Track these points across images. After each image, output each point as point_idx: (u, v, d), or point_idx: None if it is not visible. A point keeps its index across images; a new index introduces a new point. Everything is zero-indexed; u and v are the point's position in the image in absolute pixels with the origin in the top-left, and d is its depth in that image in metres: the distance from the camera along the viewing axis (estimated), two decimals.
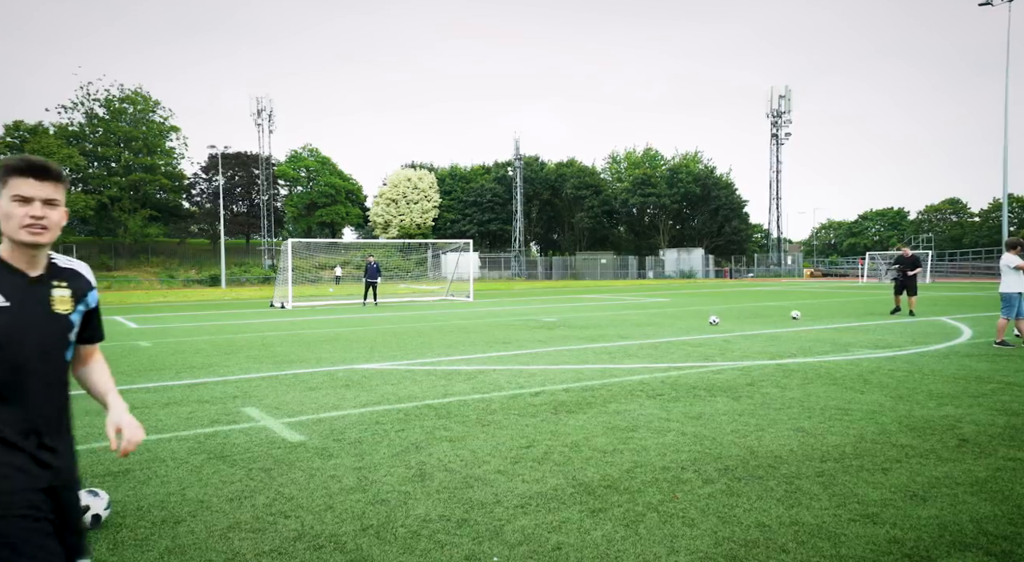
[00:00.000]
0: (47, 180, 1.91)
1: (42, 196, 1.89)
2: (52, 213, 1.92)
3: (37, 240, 1.89)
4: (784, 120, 66.08)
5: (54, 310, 1.97)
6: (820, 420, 5.79)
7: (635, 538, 3.43)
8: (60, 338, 1.99)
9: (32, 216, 1.87)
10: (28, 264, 1.94)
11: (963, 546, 3.29)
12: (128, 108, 61.62)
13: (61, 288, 2.00)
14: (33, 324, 1.91)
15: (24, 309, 1.90)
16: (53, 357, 1.97)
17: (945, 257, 60.45)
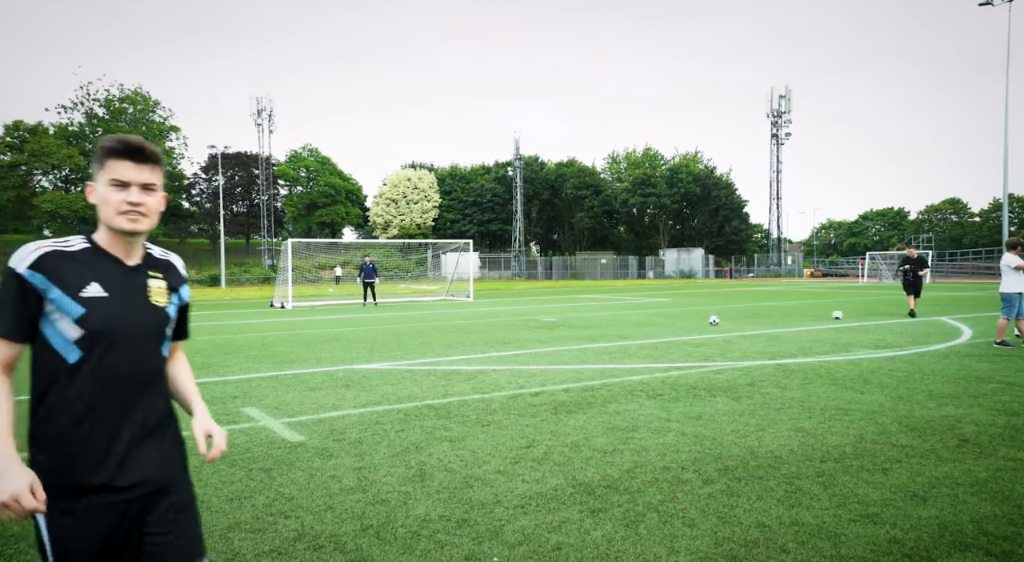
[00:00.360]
0: (145, 163, 1.80)
1: (140, 180, 1.79)
2: (150, 199, 1.81)
3: (135, 227, 1.79)
4: (784, 120, 66.09)
5: (152, 301, 1.87)
6: (820, 420, 5.79)
7: (635, 538, 3.43)
8: (158, 331, 1.89)
9: (129, 202, 1.77)
10: (125, 252, 1.85)
11: (963, 546, 3.29)
12: (128, 108, 61.67)
13: (157, 279, 1.91)
14: (133, 315, 1.82)
15: (124, 299, 1.81)
16: (152, 351, 1.88)
17: (945, 257, 60.44)
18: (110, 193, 1.77)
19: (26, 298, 1.74)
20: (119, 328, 1.79)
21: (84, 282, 1.76)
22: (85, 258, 1.80)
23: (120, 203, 1.77)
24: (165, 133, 64.18)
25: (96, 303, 1.76)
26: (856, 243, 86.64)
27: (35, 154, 55.25)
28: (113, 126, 60.24)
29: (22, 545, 3.44)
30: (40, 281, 1.73)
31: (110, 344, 1.77)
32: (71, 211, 55.38)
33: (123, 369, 1.80)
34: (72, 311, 1.74)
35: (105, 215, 1.79)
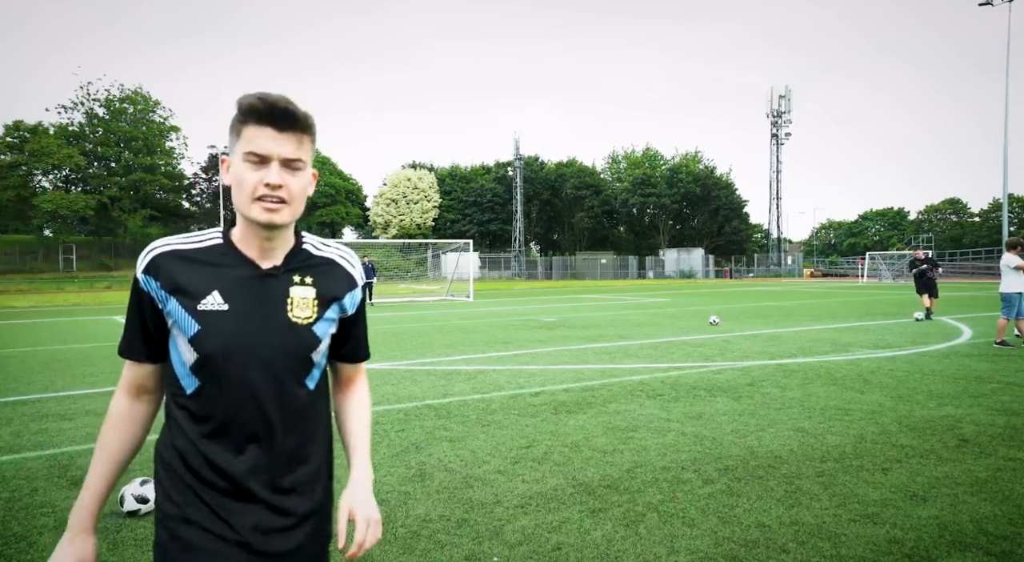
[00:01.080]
0: (290, 130, 1.36)
1: (282, 154, 1.35)
2: (293, 180, 1.37)
3: (271, 219, 1.36)
4: (784, 120, 66.09)
5: (291, 317, 1.43)
6: (820, 420, 5.79)
7: (635, 538, 3.43)
8: (297, 358, 1.44)
9: (267, 184, 1.35)
10: (260, 251, 1.43)
11: (963, 546, 3.29)
12: (128, 108, 61.62)
13: (304, 285, 1.46)
14: (257, 336, 1.40)
15: (246, 314, 1.40)
16: (288, 385, 1.44)
17: (945, 257, 60.46)
18: (245, 171, 1.36)
19: (141, 309, 1.43)
20: (237, 352, 1.39)
21: (205, 290, 1.39)
22: (211, 258, 1.42)
23: (255, 185, 1.35)
24: (165, 133, 64.14)
25: (212, 318, 1.38)
26: (856, 243, 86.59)
27: (35, 154, 55.22)
28: (113, 126, 60.25)
29: (22, 545, 3.44)
30: (155, 288, 1.40)
31: (224, 374, 1.39)
32: (71, 211, 55.35)
33: (243, 411, 1.40)
34: (187, 328, 1.39)
35: (238, 201, 1.38)
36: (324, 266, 1.52)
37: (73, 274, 52.66)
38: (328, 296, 1.50)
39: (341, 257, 1.55)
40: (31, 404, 6.80)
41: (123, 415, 1.47)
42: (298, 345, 1.44)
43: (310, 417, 1.50)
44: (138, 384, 1.48)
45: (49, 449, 5.17)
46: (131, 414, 1.47)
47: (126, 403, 1.48)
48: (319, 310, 1.47)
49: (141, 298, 1.42)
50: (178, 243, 1.44)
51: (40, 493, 4.19)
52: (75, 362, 9.81)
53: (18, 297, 31.79)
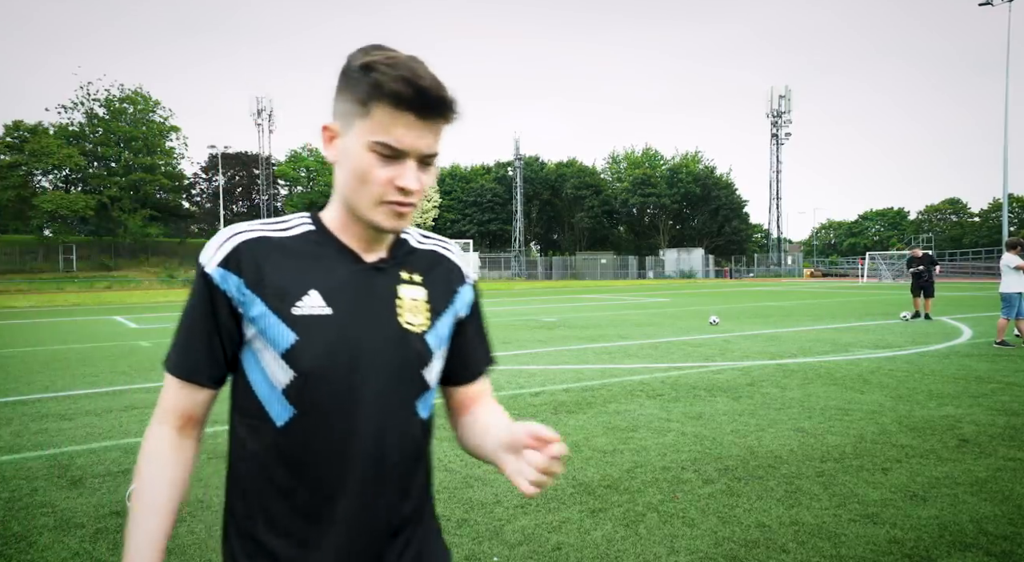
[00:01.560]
0: (436, 120, 1.06)
1: (422, 150, 1.06)
2: (427, 179, 1.10)
3: (397, 226, 1.10)
4: (784, 120, 66.07)
5: (403, 323, 1.14)
6: (820, 420, 5.79)
7: (635, 538, 3.43)
8: (409, 378, 1.15)
9: (399, 188, 1.06)
10: (365, 242, 1.15)
11: (963, 546, 3.29)
12: (128, 108, 61.63)
13: (413, 284, 1.18)
14: (371, 347, 1.11)
15: (355, 321, 1.11)
16: (399, 412, 1.15)
17: (945, 257, 60.45)
18: (370, 163, 1.05)
19: (215, 315, 1.09)
20: (344, 369, 1.09)
21: (301, 289, 1.09)
22: (304, 249, 1.13)
23: (384, 187, 1.05)
24: (165, 133, 64.14)
25: (312, 325, 1.08)
26: (856, 243, 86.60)
27: (35, 154, 55.22)
28: (113, 126, 60.26)
29: (22, 545, 3.44)
30: (235, 286, 1.08)
31: (326, 398, 1.09)
32: (71, 211, 55.34)
33: (347, 449, 1.10)
34: (279, 338, 1.08)
35: (353, 195, 1.08)
36: (431, 259, 1.24)
37: (73, 274, 52.67)
38: (440, 298, 1.21)
39: (446, 249, 1.28)
40: (31, 404, 6.80)
41: (169, 455, 1.12)
42: (413, 359, 1.15)
43: (422, 461, 1.19)
44: (189, 414, 1.13)
45: (49, 449, 5.17)
46: (179, 454, 1.13)
47: (173, 438, 1.13)
48: (431, 316, 1.19)
49: (215, 300, 1.08)
50: (264, 229, 1.13)
51: (40, 493, 4.19)
52: (75, 362, 9.81)
53: (18, 297, 31.79)
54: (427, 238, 1.27)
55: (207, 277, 1.09)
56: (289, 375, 1.08)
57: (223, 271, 1.08)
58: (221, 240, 1.11)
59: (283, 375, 1.08)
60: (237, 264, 1.08)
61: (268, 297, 1.08)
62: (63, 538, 3.51)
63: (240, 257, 1.09)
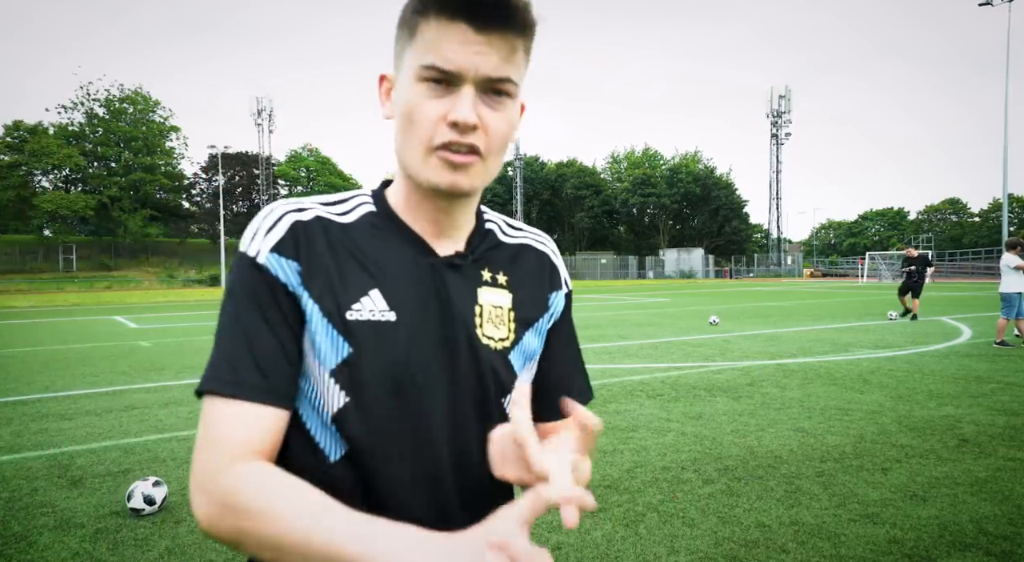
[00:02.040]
0: (500, 30, 0.81)
1: (482, 70, 0.81)
2: (495, 118, 0.84)
3: (455, 182, 0.85)
4: (784, 120, 66.11)
5: (481, 337, 0.91)
6: (820, 420, 5.79)
7: (635, 538, 3.43)
8: (484, 407, 0.91)
9: (453, 124, 0.82)
10: (435, 227, 0.92)
11: (963, 546, 3.29)
12: (128, 108, 61.68)
13: (496, 288, 0.95)
14: (438, 362, 0.88)
15: (425, 330, 0.88)
16: (471, 452, 0.89)
17: (945, 257, 60.47)
18: (417, 97, 0.83)
19: (281, 311, 0.84)
20: (411, 392, 0.86)
21: (359, 288, 0.87)
22: (364, 237, 0.90)
23: (432, 125, 0.82)
24: (165, 133, 64.19)
25: (370, 334, 0.85)
26: (856, 243, 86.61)
27: (35, 154, 55.26)
28: (113, 126, 60.28)
29: (22, 545, 3.44)
30: (294, 276, 0.85)
31: (389, 430, 0.85)
32: (71, 211, 55.37)
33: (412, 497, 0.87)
34: (329, 350, 0.85)
35: (404, 148, 0.86)
36: (520, 258, 1.00)
37: (73, 274, 52.71)
38: (529, 305, 0.97)
39: (541, 243, 1.04)
40: (31, 404, 6.81)
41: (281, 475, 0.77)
42: (491, 382, 0.91)
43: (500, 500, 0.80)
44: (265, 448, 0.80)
45: (49, 449, 5.17)
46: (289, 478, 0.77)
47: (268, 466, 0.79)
48: (517, 329, 0.95)
49: (275, 294, 0.84)
50: (320, 208, 0.91)
51: (40, 493, 4.19)
52: (75, 362, 9.81)
53: (18, 297, 31.79)
54: (517, 230, 1.04)
55: (259, 268, 0.84)
56: (343, 399, 0.84)
57: (278, 257, 0.85)
58: (272, 220, 0.87)
59: (333, 398, 0.85)
60: (295, 247, 0.86)
61: (320, 296, 0.85)
62: (63, 538, 3.51)
63: (298, 239, 0.86)
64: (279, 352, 0.83)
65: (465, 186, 0.85)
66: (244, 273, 0.85)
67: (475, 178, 0.86)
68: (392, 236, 0.91)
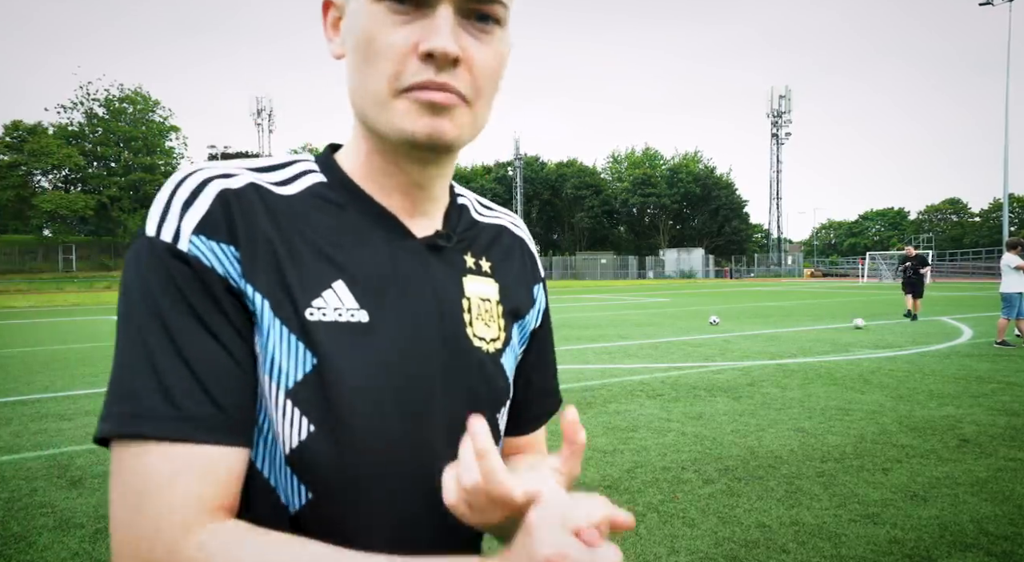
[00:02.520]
0: None
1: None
2: (481, 51, 0.65)
3: (436, 130, 0.64)
4: (784, 120, 66.15)
5: (472, 337, 0.74)
6: (820, 420, 5.79)
7: (635, 538, 3.43)
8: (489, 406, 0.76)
9: (427, 54, 0.61)
10: (408, 198, 0.73)
11: (964, 546, 3.29)
12: (128, 108, 61.71)
13: (481, 276, 0.78)
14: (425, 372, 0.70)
15: (403, 331, 0.69)
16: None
17: (945, 257, 60.47)
18: (378, 22, 0.63)
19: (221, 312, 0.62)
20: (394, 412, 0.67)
21: (318, 280, 0.67)
22: (316, 211, 0.69)
23: (400, 57, 0.63)
24: (165, 133, 64.22)
25: (338, 339, 0.66)
26: (856, 243, 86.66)
27: (34, 154, 55.28)
28: (113, 126, 60.31)
29: (22, 545, 3.44)
30: (233, 264, 0.63)
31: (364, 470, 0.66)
32: (71, 211, 55.38)
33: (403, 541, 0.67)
34: (287, 364, 0.64)
35: (361, 92, 0.66)
36: (499, 241, 0.83)
37: (73, 274, 52.72)
38: (516, 299, 0.82)
39: (516, 226, 0.88)
40: (31, 404, 6.80)
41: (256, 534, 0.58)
42: (485, 394, 0.75)
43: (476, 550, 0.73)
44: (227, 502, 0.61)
45: (49, 449, 5.17)
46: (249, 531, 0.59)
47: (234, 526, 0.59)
48: (506, 326, 0.79)
49: (212, 290, 0.62)
50: (254, 174, 0.68)
51: (40, 493, 4.18)
52: (75, 362, 9.80)
53: (18, 297, 31.80)
54: (489, 208, 0.86)
55: (182, 257, 0.61)
56: (302, 428, 0.63)
57: (207, 240, 0.62)
58: (190, 189, 0.64)
59: (291, 427, 0.63)
60: (228, 225, 0.63)
61: (269, 290, 0.63)
62: (63, 538, 3.50)
63: (231, 214, 0.63)
64: (233, 369, 0.61)
65: (450, 134, 0.64)
66: (159, 265, 0.61)
67: (461, 125, 0.65)
68: (353, 212, 0.70)
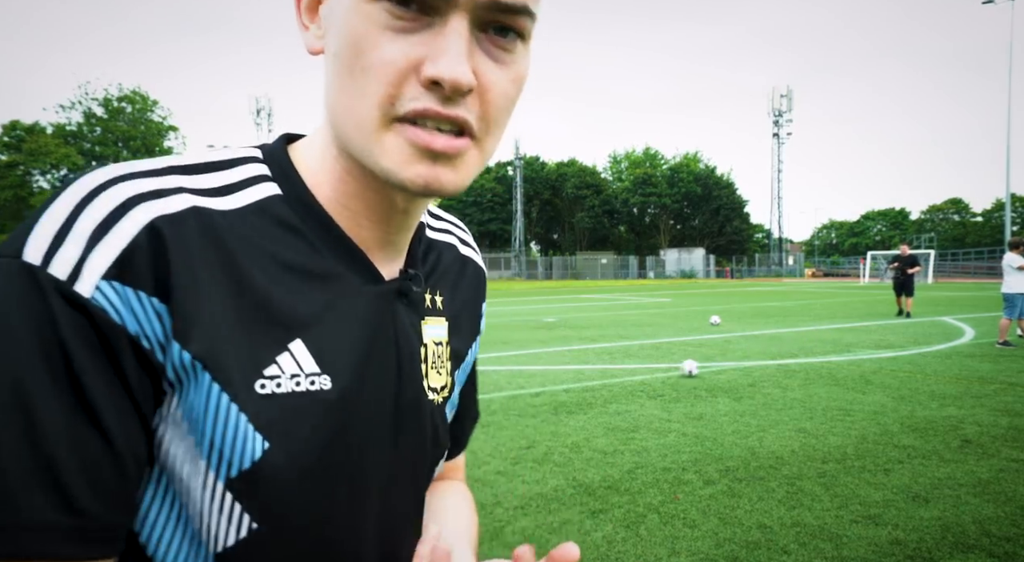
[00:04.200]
0: None
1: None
2: (500, 79, 0.52)
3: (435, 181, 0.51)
4: (785, 120, 66.10)
5: (428, 391, 0.65)
6: (822, 421, 5.77)
7: (636, 539, 3.41)
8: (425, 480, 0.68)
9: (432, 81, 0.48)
10: (382, 234, 0.60)
11: (965, 547, 3.27)
12: (126, 107, 61.73)
13: (436, 316, 0.68)
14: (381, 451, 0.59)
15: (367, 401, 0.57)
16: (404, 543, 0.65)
17: (947, 257, 60.43)
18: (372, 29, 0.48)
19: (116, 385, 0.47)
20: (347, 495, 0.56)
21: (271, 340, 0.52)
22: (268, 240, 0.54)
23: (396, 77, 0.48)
24: (163, 133, 64.24)
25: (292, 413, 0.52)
26: (858, 243, 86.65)
27: (33, 153, 55.31)
28: (111, 125, 60.33)
29: None
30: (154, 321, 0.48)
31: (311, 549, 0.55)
32: None
33: None
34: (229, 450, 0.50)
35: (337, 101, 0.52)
36: (451, 264, 0.73)
37: None
38: (464, 335, 0.74)
39: (464, 242, 0.77)
40: None
41: None
42: (431, 452, 0.67)
43: None
44: None
45: None
46: None
47: None
48: (451, 370, 0.71)
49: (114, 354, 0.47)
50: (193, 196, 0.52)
51: None
52: None
53: None
54: (437, 218, 0.75)
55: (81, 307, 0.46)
56: (241, 526, 0.51)
57: (121, 289, 0.47)
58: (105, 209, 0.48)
59: (226, 526, 0.51)
60: (157, 273, 0.48)
61: (209, 354, 0.50)
62: None
63: (165, 256, 0.48)
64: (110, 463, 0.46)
65: (450, 186, 0.52)
66: (35, 307, 0.45)
67: (465, 173, 0.53)
68: (314, 242, 0.56)
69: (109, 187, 0.49)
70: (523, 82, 0.55)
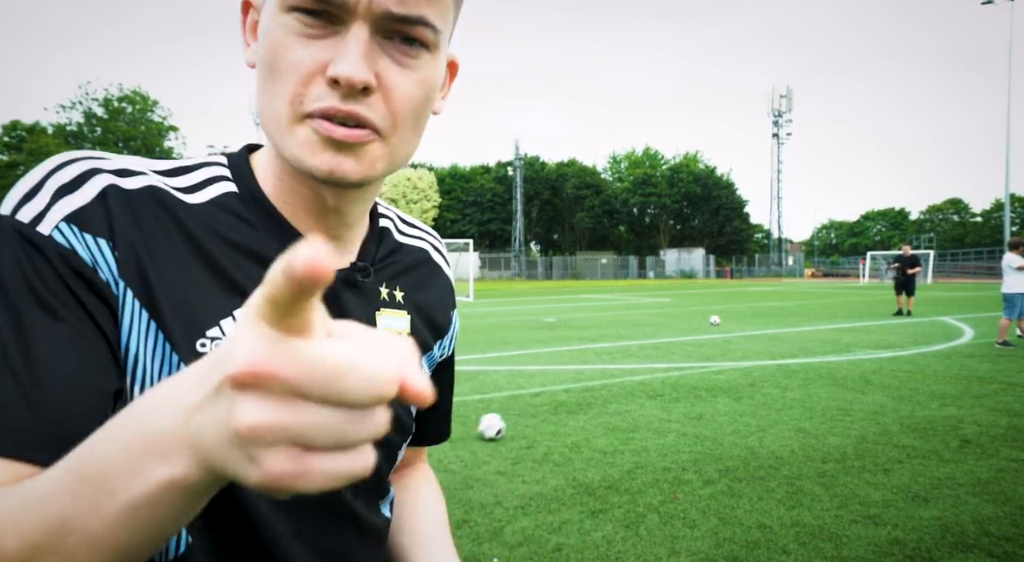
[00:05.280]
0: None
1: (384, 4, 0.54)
2: (400, 78, 0.57)
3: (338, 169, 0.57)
4: (785, 120, 66.13)
5: None
6: (821, 421, 5.78)
7: (636, 539, 3.42)
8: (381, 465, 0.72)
9: (333, 80, 0.54)
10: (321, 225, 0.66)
11: (965, 547, 3.28)
12: (127, 108, 61.73)
13: (395, 308, 0.74)
14: None
15: None
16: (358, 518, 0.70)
17: (947, 257, 60.43)
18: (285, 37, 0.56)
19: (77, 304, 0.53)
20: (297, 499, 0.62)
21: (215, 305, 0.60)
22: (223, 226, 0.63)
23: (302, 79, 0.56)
24: (164, 133, 64.24)
25: None
26: (858, 243, 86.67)
27: (33, 154, 55.27)
28: (112, 126, 60.32)
29: None
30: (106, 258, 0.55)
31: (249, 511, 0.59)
32: None
33: None
34: None
35: (262, 106, 0.59)
36: (417, 267, 0.79)
37: None
38: (427, 330, 0.78)
39: (436, 248, 0.83)
40: None
41: None
42: (396, 440, 0.73)
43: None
44: None
45: None
46: None
47: None
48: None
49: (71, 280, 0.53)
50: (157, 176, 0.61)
51: None
52: None
53: None
54: (411, 226, 0.82)
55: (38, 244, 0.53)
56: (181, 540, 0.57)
57: (79, 232, 0.54)
58: (70, 176, 0.56)
59: None
60: (107, 221, 0.55)
61: (150, 296, 0.56)
62: None
63: (112, 212, 0.56)
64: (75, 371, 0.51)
65: (352, 174, 0.56)
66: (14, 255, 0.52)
67: (369, 163, 0.57)
68: (263, 233, 0.63)
69: (75, 162, 0.57)
70: (432, 86, 0.60)
